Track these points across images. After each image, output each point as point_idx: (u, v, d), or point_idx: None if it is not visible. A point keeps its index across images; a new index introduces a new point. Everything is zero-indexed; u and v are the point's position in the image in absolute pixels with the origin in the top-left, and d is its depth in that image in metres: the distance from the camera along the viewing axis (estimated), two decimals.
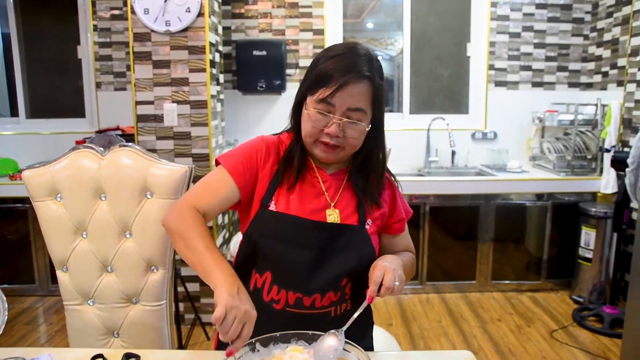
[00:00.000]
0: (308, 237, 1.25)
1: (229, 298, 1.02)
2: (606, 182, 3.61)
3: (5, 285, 3.72)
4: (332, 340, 1.08)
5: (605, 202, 3.66)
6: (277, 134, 1.37)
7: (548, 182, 3.73)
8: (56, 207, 1.54)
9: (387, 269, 1.15)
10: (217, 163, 1.30)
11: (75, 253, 1.55)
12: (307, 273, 1.24)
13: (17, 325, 3.32)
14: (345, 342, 1.09)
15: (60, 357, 1.10)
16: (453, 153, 4.17)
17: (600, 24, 3.98)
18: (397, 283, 1.14)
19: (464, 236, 3.84)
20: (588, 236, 3.53)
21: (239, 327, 1.01)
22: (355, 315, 1.15)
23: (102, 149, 1.56)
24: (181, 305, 3.20)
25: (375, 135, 1.28)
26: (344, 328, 1.10)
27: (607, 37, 3.88)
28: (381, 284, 1.13)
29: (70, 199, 1.54)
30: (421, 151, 4.21)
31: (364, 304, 1.15)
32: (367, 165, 1.31)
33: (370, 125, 1.24)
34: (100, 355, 1.23)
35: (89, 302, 1.58)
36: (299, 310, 1.25)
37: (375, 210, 1.33)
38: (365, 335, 1.39)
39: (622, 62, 3.67)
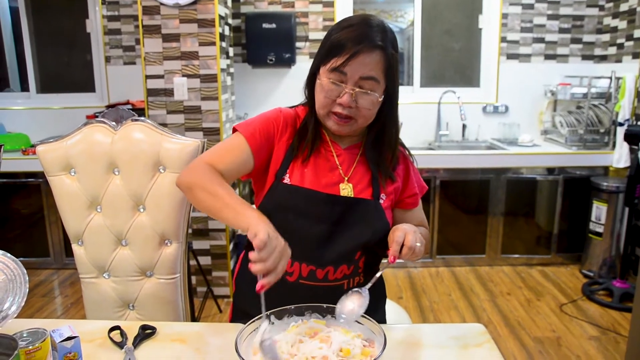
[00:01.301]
0: (321, 210, 1.26)
1: (270, 228, 1.02)
2: (619, 156, 3.57)
3: (21, 259, 3.76)
4: (356, 298, 1.09)
5: (617, 176, 3.63)
6: (293, 107, 1.37)
7: (559, 156, 3.70)
8: (70, 182, 1.55)
9: (408, 230, 1.15)
10: (234, 131, 1.29)
11: (90, 227, 1.57)
12: (321, 246, 1.25)
13: (34, 297, 3.39)
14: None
15: (79, 328, 1.12)
16: (464, 127, 4.14)
17: None
18: (418, 244, 1.13)
19: (474, 210, 3.84)
20: (599, 210, 3.52)
21: (279, 259, 0.99)
22: (378, 275, 1.16)
23: (114, 123, 1.56)
24: (193, 279, 3.24)
25: (389, 109, 1.27)
26: (368, 286, 1.11)
27: (623, 7, 3.78)
28: (402, 245, 1.13)
29: (84, 173, 1.55)
30: (432, 125, 4.18)
31: (386, 265, 1.15)
32: (381, 139, 1.30)
33: (383, 97, 1.23)
34: (118, 327, 1.26)
35: (104, 275, 1.60)
36: (312, 282, 1.26)
37: (389, 185, 1.33)
38: (378, 308, 1.41)
39: (638, 33, 3.59)
